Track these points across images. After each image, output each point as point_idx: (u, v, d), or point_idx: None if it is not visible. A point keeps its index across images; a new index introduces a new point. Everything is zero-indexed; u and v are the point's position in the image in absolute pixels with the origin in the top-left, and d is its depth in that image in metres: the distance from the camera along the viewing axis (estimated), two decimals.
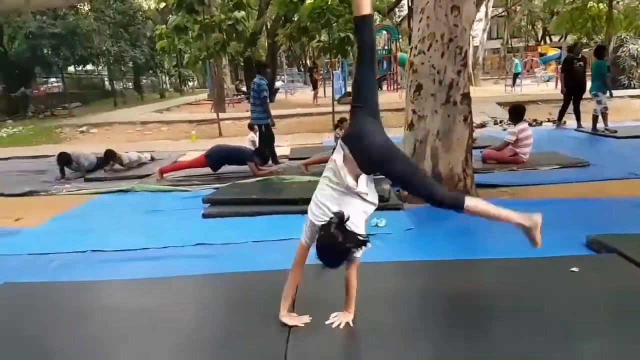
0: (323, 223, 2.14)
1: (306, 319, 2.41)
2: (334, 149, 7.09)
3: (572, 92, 9.16)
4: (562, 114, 9.54)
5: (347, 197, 2.21)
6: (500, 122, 10.98)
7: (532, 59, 27.65)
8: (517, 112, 6.51)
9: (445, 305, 2.63)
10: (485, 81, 26.62)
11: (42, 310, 2.77)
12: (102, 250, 3.81)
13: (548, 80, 22.90)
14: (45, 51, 17.48)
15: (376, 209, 4.33)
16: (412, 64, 4.69)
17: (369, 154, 2.20)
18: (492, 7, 26.12)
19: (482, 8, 21.42)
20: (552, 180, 5.45)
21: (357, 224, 2.18)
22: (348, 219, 2.10)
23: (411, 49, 4.95)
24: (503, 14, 32.17)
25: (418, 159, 4.71)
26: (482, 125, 10.41)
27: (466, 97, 4.64)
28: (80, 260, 3.65)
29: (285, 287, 2.37)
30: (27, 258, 3.74)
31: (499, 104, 14.17)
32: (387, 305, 2.63)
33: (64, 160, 6.88)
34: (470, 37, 4.79)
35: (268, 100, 7.46)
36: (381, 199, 4.55)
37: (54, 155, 8.01)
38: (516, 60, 21.97)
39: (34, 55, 17.47)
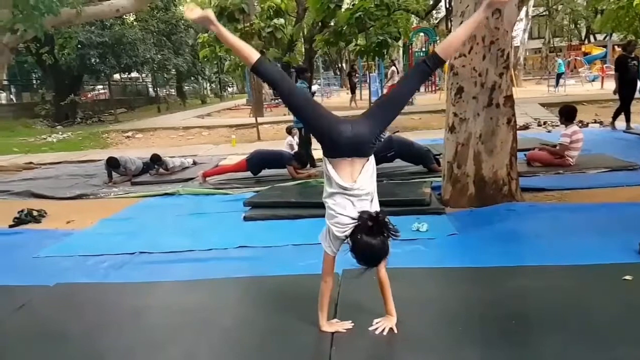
0: (350, 230, 2.15)
1: (348, 324, 2.41)
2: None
3: (626, 92, 8.78)
4: (617, 115, 9.13)
5: (358, 199, 2.20)
6: (544, 123, 10.64)
7: (575, 59, 26.72)
8: (569, 113, 6.23)
9: (490, 312, 2.57)
10: (527, 82, 25.89)
11: (92, 310, 2.90)
12: (149, 252, 3.94)
13: (593, 80, 22.06)
14: (93, 60, 18.23)
15: (417, 213, 4.36)
16: (452, 66, 4.63)
17: (369, 144, 2.21)
18: (533, 6, 25.41)
19: (523, 8, 20.83)
20: (600, 183, 5.24)
21: None
22: (378, 214, 2.12)
23: None
24: (544, 13, 31.24)
25: (460, 162, 4.65)
26: (525, 127, 10.10)
27: (509, 99, 4.55)
28: (128, 262, 3.78)
29: (319, 298, 2.36)
30: (78, 259, 3.90)
31: (542, 104, 13.77)
32: (430, 312, 2.61)
33: (113, 164, 7.14)
34: (511, 38, 4.70)
35: None
36: (422, 203, 4.57)
37: (101, 160, 8.35)
38: (559, 60, 21.27)
39: (82, 64, 18.25)
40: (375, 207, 2.25)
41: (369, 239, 2.10)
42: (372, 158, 2.26)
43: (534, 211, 4.36)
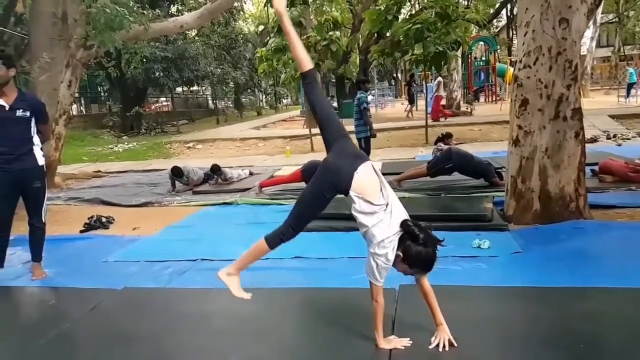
0: (396, 242, 2.19)
1: (406, 341, 2.37)
2: (428, 163, 6.88)
3: None
4: None
5: (390, 214, 2.26)
6: (614, 136, 10.06)
7: None
8: None
9: (556, 335, 2.45)
10: (595, 92, 24.62)
11: (158, 314, 3.02)
12: (210, 259, 4.06)
13: None
14: (157, 73, 19.15)
15: (478, 229, 4.24)
16: (516, 78, 4.49)
17: (357, 148, 2.46)
18: (602, 13, 24.20)
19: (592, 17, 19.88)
20: None
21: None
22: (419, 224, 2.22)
23: (515, 62, 4.75)
24: (614, 19, 29.71)
25: (524, 177, 4.49)
26: (594, 140, 9.59)
27: (577, 112, 4.35)
28: (190, 268, 3.92)
29: (373, 318, 2.34)
30: (144, 264, 4.09)
31: (612, 116, 13.03)
32: (492, 332, 2.52)
33: (177, 173, 7.42)
34: (579, 48, 4.50)
35: (368, 113, 7.46)
36: (483, 218, 4.43)
37: (164, 169, 8.71)
38: (630, 69, 20.09)
39: (147, 77, 19.19)
40: (403, 214, 2.31)
41: (419, 245, 2.17)
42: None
43: (603, 229, 4.13)
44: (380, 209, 2.25)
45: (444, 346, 2.29)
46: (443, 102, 17.10)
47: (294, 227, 2.45)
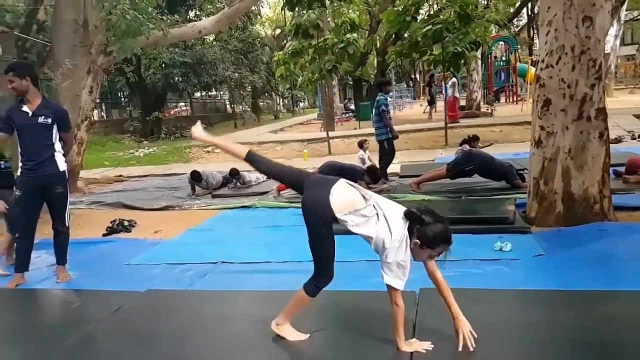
0: (406, 236, 2.20)
1: (427, 345, 2.34)
2: (448, 164, 6.81)
3: None
4: None
5: (384, 216, 2.28)
6: (639, 136, 9.82)
7: None
8: None
9: (581, 339, 2.40)
10: (619, 91, 24.09)
11: (180, 316, 3.04)
12: (229, 262, 4.10)
13: None
14: (176, 79, 19.40)
15: (500, 232, 4.18)
16: (538, 77, 4.43)
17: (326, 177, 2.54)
18: (626, 10, 23.69)
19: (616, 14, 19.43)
20: None
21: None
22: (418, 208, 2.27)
23: (537, 62, 4.68)
24: (639, 17, 29.08)
25: (547, 178, 4.42)
26: (618, 140, 9.37)
27: (601, 112, 4.26)
28: (211, 270, 3.96)
29: (394, 321, 2.33)
30: (165, 267, 4.15)
31: (636, 116, 12.73)
32: (514, 336, 2.48)
33: (196, 177, 7.51)
34: (604, 47, 4.42)
35: (387, 115, 7.40)
36: (505, 220, 4.38)
37: (184, 173, 8.81)
38: None
39: (166, 83, 19.46)
40: (399, 207, 2.33)
41: (431, 224, 2.19)
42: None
43: (628, 232, 4.04)
44: (370, 212, 2.28)
45: (469, 346, 2.24)
46: (462, 102, 16.91)
47: (323, 271, 2.48)
